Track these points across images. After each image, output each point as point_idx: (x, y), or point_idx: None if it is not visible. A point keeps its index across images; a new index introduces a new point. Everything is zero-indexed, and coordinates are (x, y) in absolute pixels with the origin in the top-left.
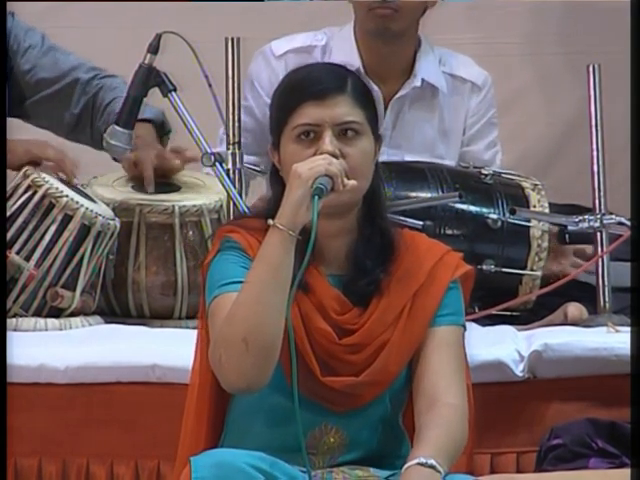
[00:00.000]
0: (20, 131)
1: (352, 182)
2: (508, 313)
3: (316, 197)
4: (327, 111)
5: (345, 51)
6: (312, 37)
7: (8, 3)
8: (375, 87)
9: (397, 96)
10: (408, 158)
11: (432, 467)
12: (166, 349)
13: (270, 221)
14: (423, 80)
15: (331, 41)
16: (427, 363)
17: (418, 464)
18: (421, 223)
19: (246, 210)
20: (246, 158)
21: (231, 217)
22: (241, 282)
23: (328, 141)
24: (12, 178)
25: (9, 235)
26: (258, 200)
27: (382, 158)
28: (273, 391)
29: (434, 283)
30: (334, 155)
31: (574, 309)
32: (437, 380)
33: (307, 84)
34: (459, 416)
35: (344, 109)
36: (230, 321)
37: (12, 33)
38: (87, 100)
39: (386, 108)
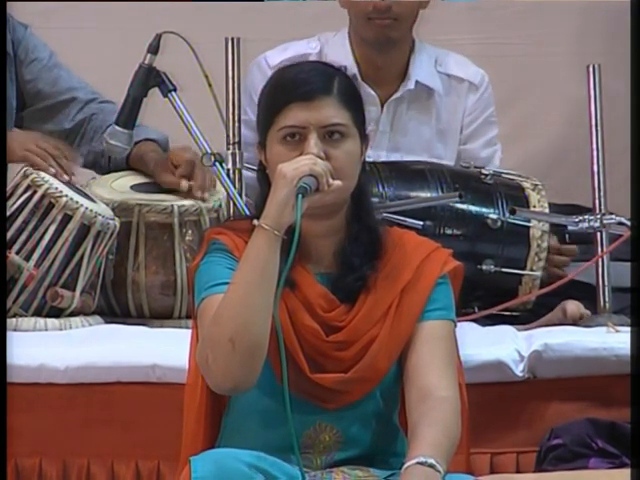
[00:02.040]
0: None
1: (337, 182)
2: (508, 313)
3: (300, 196)
4: (313, 113)
5: (340, 58)
6: (306, 45)
7: (12, 5)
8: (372, 92)
9: (392, 98)
10: (407, 159)
11: (432, 466)
12: (166, 349)
13: (255, 221)
14: (417, 82)
15: (325, 48)
16: (417, 357)
17: (418, 463)
18: (421, 223)
19: (245, 210)
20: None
21: (231, 217)
22: (228, 283)
23: (313, 143)
24: (12, 178)
25: (9, 235)
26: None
27: (381, 159)
28: (265, 392)
29: (422, 279)
30: (319, 157)
31: (572, 306)
32: (428, 373)
33: (294, 85)
34: (452, 410)
35: (330, 111)
36: (217, 321)
37: (22, 44)
38: (83, 119)
39: (382, 111)
